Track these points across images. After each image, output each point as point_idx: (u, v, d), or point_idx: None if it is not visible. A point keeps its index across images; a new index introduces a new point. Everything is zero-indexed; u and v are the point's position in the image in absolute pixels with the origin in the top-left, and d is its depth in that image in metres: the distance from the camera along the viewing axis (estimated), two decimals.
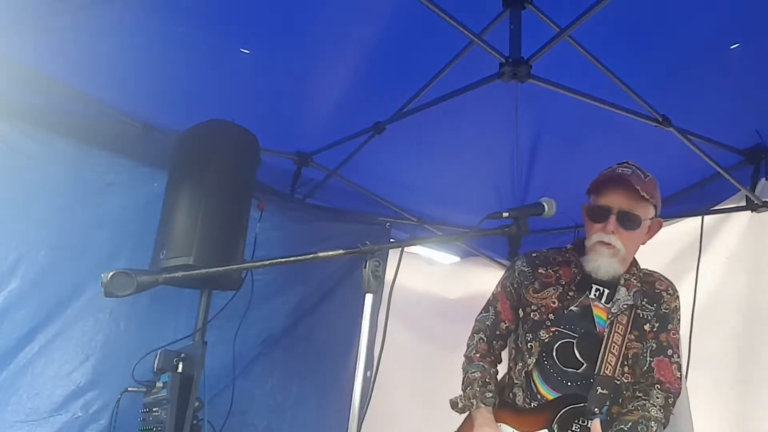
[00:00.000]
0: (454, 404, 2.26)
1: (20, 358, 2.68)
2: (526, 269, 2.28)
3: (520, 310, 2.26)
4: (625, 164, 2.17)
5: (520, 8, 2.25)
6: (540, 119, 3.12)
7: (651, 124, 2.64)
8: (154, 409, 2.46)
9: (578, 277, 2.18)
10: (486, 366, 2.26)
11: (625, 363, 2.09)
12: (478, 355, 2.30)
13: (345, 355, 3.62)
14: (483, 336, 2.32)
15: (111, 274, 1.50)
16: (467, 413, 2.25)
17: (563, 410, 2.05)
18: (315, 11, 2.44)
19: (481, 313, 2.39)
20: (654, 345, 2.11)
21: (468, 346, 2.37)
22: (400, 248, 1.82)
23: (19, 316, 2.68)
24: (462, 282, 4.52)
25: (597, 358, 2.07)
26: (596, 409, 2.01)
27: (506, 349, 2.38)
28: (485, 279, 4.64)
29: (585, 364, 2.09)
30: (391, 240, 4.01)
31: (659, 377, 2.07)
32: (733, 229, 3.26)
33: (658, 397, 2.04)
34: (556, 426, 2.05)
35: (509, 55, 2.20)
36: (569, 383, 2.08)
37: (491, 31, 2.40)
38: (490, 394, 2.17)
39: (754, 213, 3.21)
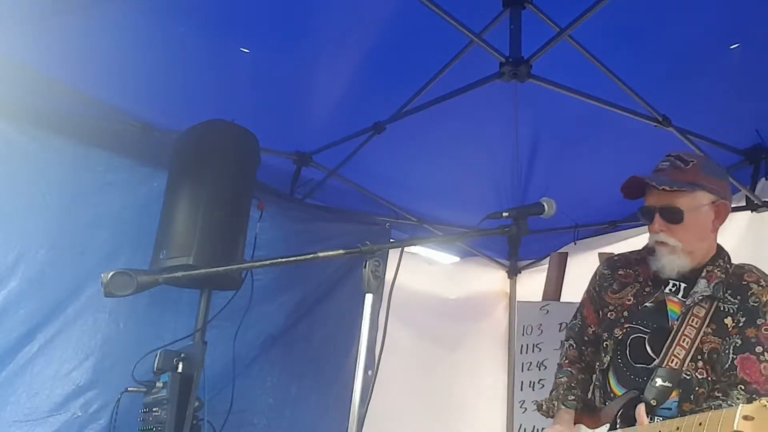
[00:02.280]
0: (539, 407, 2.21)
1: (20, 358, 2.67)
2: (606, 272, 2.23)
3: (600, 312, 2.20)
4: (668, 157, 2.03)
5: (520, 8, 2.25)
6: (540, 119, 3.12)
7: (651, 124, 2.64)
8: (154, 409, 2.46)
9: (653, 272, 2.06)
10: (574, 371, 2.21)
11: (699, 358, 1.93)
12: (567, 361, 2.25)
13: (344, 355, 3.63)
14: (573, 342, 2.27)
15: (111, 273, 1.49)
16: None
17: (625, 404, 1.94)
18: (315, 11, 2.44)
19: (571, 320, 2.35)
20: (739, 341, 1.92)
21: (560, 354, 2.33)
22: (400, 248, 1.81)
23: (18, 315, 2.67)
24: (462, 282, 4.53)
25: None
26: (653, 401, 1.89)
27: None
28: (485, 279, 4.66)
29: (656, 360, 1.96)
30: (391, 240, 4.01)
31: (743, 376, 1.88)
32: (733, 229, 3.26)
33: (739, 399, 1.84)
34: (619, 420, 1.94)
35: (509, 54, 2.21)
36: (639, 379, 1.99)
37: (491, 31, 2.40)
38: (572, 397, 2.12)
39: (754, 213, 3.22)
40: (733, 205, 3.19)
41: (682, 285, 2.03)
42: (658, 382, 1.91)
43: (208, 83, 2.79)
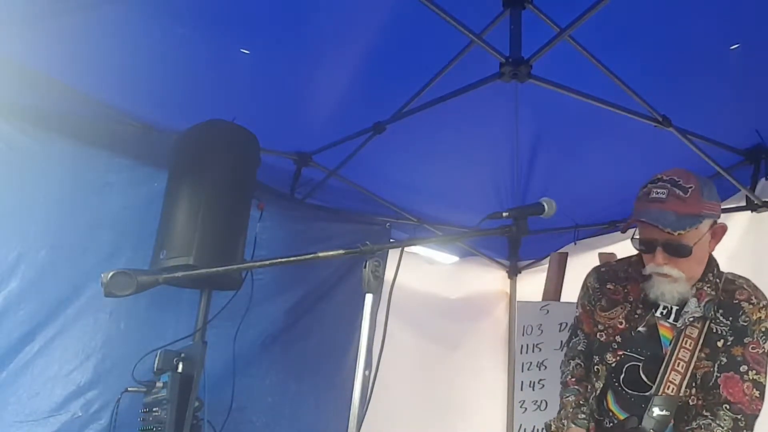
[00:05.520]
0: (548, 427, 2.19)
1: (20, 358, 2.67)
2: (596, 285, 2.18)
3: (594, 328, 2.16)
4: (660, 182, 1.91)
5: (520, 8, 2.25)
6: (540, 119, 3.12)
7: (651, 124, 2.64)
8: (154, 409, 2.46)
9: (644, 294, 2.03)
10: (581, 389, 2.16)
11: (693, 384, 1.92)
12: (573, 379, 2.20)
13: (344, 355, 3.63)
14: (579, 361, 2.22)
15: (111, 274, 1.49)
16: None
17: None
18: (315, 11, 2.44)
19: (570, 338, 2.30)
20: (724, 359, 1.91)
21: (563, 372, 2.27)
22: (400, 248, 1.80)
23: (19, 315, 2.67)
24: (462, 282, 4.53)
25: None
26: (652, 431, 1.87)
27: None
28: (485, 279, 4.66)
29: (653, 387, 1.96)
30: (391, 240, 4.01)
31: (726, 396, 1.87)
32: (733, 229, 3.25)
33: (725, 419, 1.85)
34: None
35: (509, 55, 2.20)
36: (641, 405, 1.97)
37: (491, 31, 2.40)
38: (583, 416, 2.08)
39: (754, 213, 3.21)
40: (733, 205, 3.22)
41: (674, 307, 1.99)
42: (656, 411, 1.89)
43: (208, 83, 2.79)
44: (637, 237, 1.99)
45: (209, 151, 2.69)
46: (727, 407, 1.87)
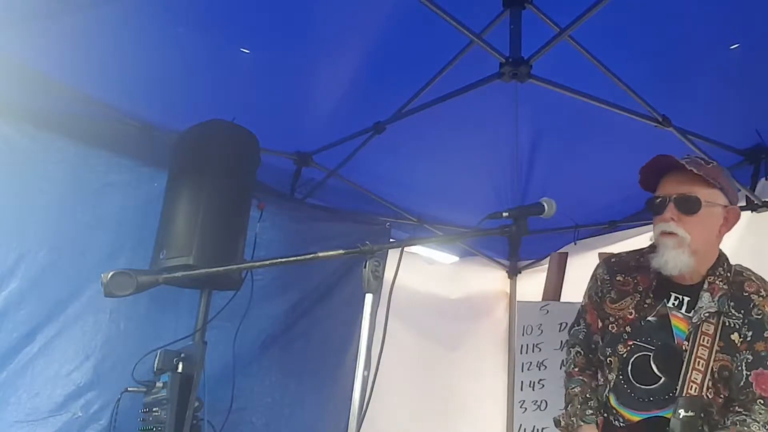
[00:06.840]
0: (557, 422, 2.16)
1: (20, 358, 2.67)
2: (605, 277, 2.16)
3: (602, 321, 2.14)
4: (685, 156, 1.98)
5: (521, 8, 2.25)
6: (540, 119, 3.12)
7: (651, 124, 2.64)
8: (154, 409, 2.46)
9: (655, 283, 2.02)
10: (586, 380, 2.15)
11: (712, 379, 1.89)
12: (576, 369, 2.19)
13: (344, 355, 3.63)
14: (579, 349, 2.21)
15: (111, 274, 1.49)
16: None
17: None
18: (315, 11, 2.45)
19: (573, 326, 2.28)
20: (750, 356, 1.89)
21: (566, 361, 2.26)
22: (400, 248, 1.80)
23: (19, 316, 2.67)
24: (462, 282, 4.53)
25: (676, 372, 1.90)
26: None
27: None
28: (485, 279, 4.67)
29: (663, 379, 1.93)
30: (391, 240, 4.01)
31: (760, 392, 1.86)
32: (733, 229, 3.26)
33: (761, 413, 1.83)
34: None
35: (509, 55, 2.21)
36: (647, 400, 1.95)
37: (491, 31, 2.40)
38: (591, 411, 2.06)
39: (754, 213, 3.21)
40: None
41: (685, 299, 1.98)
42: (682, 413, 1.86)
43: (208, 83, 2.79)
44: (653, 197, 2.00)
45: (209, 151, 2.69)
46: (761, 402, 1.86)
